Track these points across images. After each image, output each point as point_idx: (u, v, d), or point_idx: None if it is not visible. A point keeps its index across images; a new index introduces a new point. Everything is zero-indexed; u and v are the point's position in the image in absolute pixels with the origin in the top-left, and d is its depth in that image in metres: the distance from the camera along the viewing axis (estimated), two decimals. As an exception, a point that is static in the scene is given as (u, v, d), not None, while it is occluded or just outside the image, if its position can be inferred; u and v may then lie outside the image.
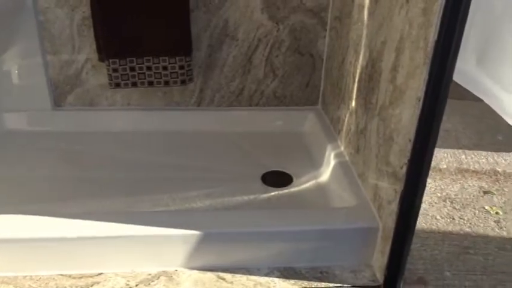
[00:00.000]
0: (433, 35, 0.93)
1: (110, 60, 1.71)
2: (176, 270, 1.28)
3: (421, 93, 0.98)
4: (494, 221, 1.54)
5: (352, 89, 1.48)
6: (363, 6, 1.37)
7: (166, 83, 1.76)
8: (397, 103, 1.12)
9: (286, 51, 1.84)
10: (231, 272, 1.28)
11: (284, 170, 1.67)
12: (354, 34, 1.47)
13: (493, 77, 2.09)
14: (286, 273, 1.29)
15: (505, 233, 1.49)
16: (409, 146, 1.04)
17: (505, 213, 1.58)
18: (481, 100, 2.01)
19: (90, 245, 1.23)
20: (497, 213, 1.58)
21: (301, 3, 1.75)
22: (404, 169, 1.08)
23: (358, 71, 1.42)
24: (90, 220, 1.26)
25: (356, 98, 1.45)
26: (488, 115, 1.95)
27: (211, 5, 1.75)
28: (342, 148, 1.59)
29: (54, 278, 1.24)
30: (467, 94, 2.08)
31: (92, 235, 1.23)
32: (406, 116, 1.06)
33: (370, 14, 1.31)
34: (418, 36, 1.00)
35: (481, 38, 2.17)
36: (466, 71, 2.24)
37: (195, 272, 1.28)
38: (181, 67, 1.74)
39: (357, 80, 1.44)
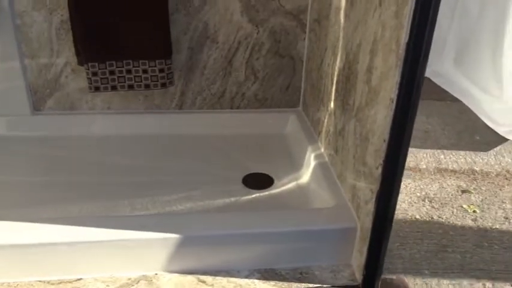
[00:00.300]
0: (404, 37, 0.94)
1: (89, 64, 1.70)
2: (156, 274, 1.28)
3: (393, 95, 1.00)
4: (472, 219, 1.57)
5: (331, 90, 1.49)
6: (340, 9, 1.38)
7: (147, 87, 1.76)
8: (372, 104, 1.14)
9: (267, 54, 1.85)
10: (211, 275, 1.28)
11: (265, 172, 1.68)
12: (331, 36, 1.49)
13: (470, 78, 2.13)
14: (267, 274, 1.29)
15: (482, 231, 1.52)
16: (384, 147, 1.06)
17: (482, 211, 1.61)
18: (459, 101, 2.05)
19: (69, 251, 1.22)
20: (474, 211, 1.60)
21: (280, 5, 1.76)
22: (380, 169, 1.09)
23: (336, 72, 1.44)
24: (69, 225, 1.25)
25: (334, 100, 1.46)
26: (466, 115, 1.98)
27: (190, 8, 1.75)
28: (322, 149, 1.61)
29: (32, 285, 1.23)
30: (446, 95, 2.11)
31: (70, 240, 1.22)
32: (381, 117, 1.08)
33: (346, 16, 1.33)
34: (390, 38, 1.02)
35: (458, 41, 2.21)
36: (445, 72, 2.28)
37: (176, 275, 1.28)
38: (162, 70, 1.74)
39: (335, 81, 1.46)
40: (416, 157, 1.87)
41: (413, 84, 0.96)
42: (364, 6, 1.18)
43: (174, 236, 1.23)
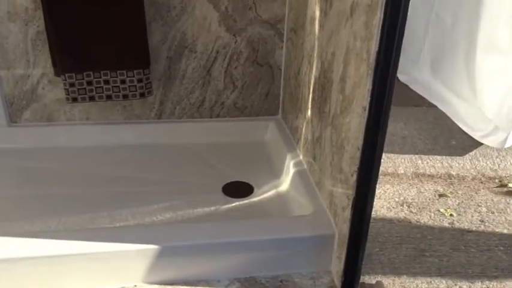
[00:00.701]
0: (374, 47, 0.96)
1: (66, 75, 1.69)
2: (135, 286, 1.27)
3: (366, 103, 1.02)
4: (449, 223, 1.59)
5: (308, 98, 1.51)
6: (314, 19, 1.40)
7: (125, 97, 1.75)
8: (346, 112, 1.16)
9: (245, 63, 1.86)
10: (191, 285, 1.28)
11: (245, 180, 1.69)
12: (307, 45, 1.51)
13: (446, 85, 2.16)
14: (247, 283, 1.29)
15: (458, 234, 1.54)
16: (358, 154, 1.07)
17: (459, 214, 1.64)
18: (435, 106, 2.08)
19: (46, 264, 1.21)
20: (451, 215, 1.63)
21: (257, 15, 1.78)
22: (355, 176, 1.11)
23: (312, 81, 1.45)
24: (47, 238, 1.24)
25: (311, 108, 1.48)
26: (442, 121, 2.01)
27: (168, 18, 1.76)
28: (301, 157, 1.62)
29: (7, 300, 1.21)
30: (423, 101, 2.15)
31: (47, 254, 1.20)
32: (354, 125, 1.09)
33: (320, 26, 1.35)
34: (361, 48, 1.04)
35: (434, 48, 2.25)
36: (422, 79, 2.31)
37: (155, 286, 1.27)
38: (140, 80, 1.74)
39: (311, 90, 1.47)
40: (395, 162, 1.89)
41: (384, 92, 0.98)
42: (337, 17, 1.20)
43: (152, 247, 1.23)
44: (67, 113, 1.88)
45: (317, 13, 1.38)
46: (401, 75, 2.41)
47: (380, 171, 1.08)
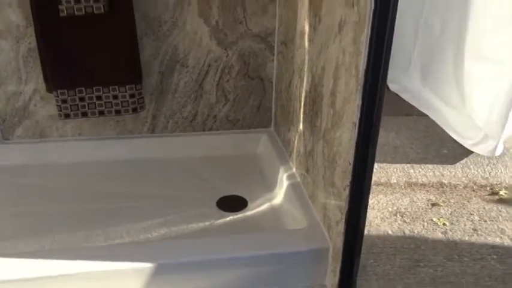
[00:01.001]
0: (362, 63, 0.98)
1: (59, 91, 1.69)
2: (130, 304, 1.26)
3: (356, 118, 1.03)
4: (442, 233, 1.60)
5: (299, 112, 1.52)
6: (304, 33, 1.42)
7: (118, 112, 1.75)
8: (337, 126, 1.17)
9: (237, 76, 1.87)
10: (186, 302, 1.27)
11: (239, 194, 1.69)
12: (297, 59, 1.52)
13: (436, 93, 2.19)
14: (242, 299, 1.29)
15: (452, 244, 1.55)
16: (350, 169, 1.08)
17: (452, 223, 1.65)
18: (426, 115, 2.10)
19: (42, 285, 1.20)
20: (444, 224, 1.64)
21: (247, 29, 1.79)
22: (348, 190, 1.11)
23: (303, 94, 1.47)
24: (41, 259, 1.23)
25: (303, 121, 1.49)
26: (433, 129, 2.03)
27: (159, 32, 1.76)
28: (294, 169, 1.63)
29: (1, 322, 1.20)
30: (413, 110, 2.17)
31: (43, 275, 1.20)
32: (345, 140, 1.10)
33: (310, 40, 1.36)
34: (350, 64, 1.05)
35: (423, 57, 2.27)
36: (412, 88, 2.34)
37: (150, 304, 1.27)
38: (132, 95, 1.74)
39: (302, 103, 1.48)
40: (387, 172, 1.91)
41: (373, 108, 0.99)
42: (326, 32, 1.21)
43: (148, 265, 1.23)
44: (59, 129, 1.87)
45: (306, 28, 1.40)
46: (392, 84, 2.44)
47: (373, 181, 1.09)
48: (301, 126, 1.52)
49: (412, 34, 2.25)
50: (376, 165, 1.95)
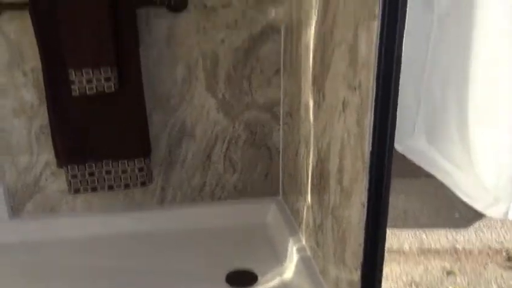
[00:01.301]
0: (367, 147, 0.99)
1: (69, 166, 1.72)
2: None
3: (364, 199, 1.03)
4: (460, 304, 1.55)
5: (307, 183, 1.53)
6: (309, 107, 1.45)
7: (127, 186, 1.77)
8: (346, 205, 1.16)
9: (244, 145, 1.90)
10: None
11: (249, 268, 1.66)
12: (303, 131, 1.55)
13: (442, 154, 2.18)
14: None
15: (471, 316, 1.50)
16: (361, 250, 1.07)
17: (470, 293, 1.60)
18: (434, 177, 2.09)
19: None
20: (462, 294, 1.59)
21: (253, 100, 1.84)
22: (359, 271, 1.09)
23: (310, 166, 1.48)
24: None
25: (311, 193, 1.49)
26: (443, 191, 2.02)
27: (168, 107, 1.81)
28: (304, 241, 1.61)
29: None
30: (421, 172, 2.16)
31: None
32: (355, 221, 1.10)
33: (315, 116, 1.39)
34: (355, 145, 1.06)
35: (428, 118, 2.29)
36: (419, 149, 2.34)
37: None
38: (141, 169, 1.76)
39: (310, 175, 1.49)
40: (399, 238, 1.87)
41: (381, 190, 0.99)
42: (330, 110, 1.24)
43: None
44: (69, 203, 1.89)
45: (310, 102, 1.43)
46: (398, 145, 2.45)
47: (385, 248, 1.07)
48: (309, 198, 1.51)
49: (414, 103, 2.29)
50: (387, 231, 1.93)
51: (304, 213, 1.59)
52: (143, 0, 1.66)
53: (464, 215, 1.92)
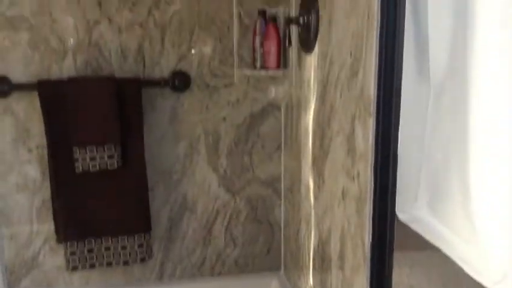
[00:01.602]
0: (368, 238, 0.99)
1: (68, 243, 1.71)
2: None
3: (366, 292, 1.01)
4: None
5: (309, 263, 1.50)
6: (309, 188, 1.46)
7: (126, 263, 1.74)
8: (348, 294, 1.14)
9: (245, 220, 1.89)
10: None
11: None
12: (304, 211, 1.54)
13: (446, 224, 2.16)
14: None
15: None
16: None
17: None
18: (439, 249, 2.05)
19: None
20: None
21: (254, 175, 1.86)
22: None
23: (312, 247, 1.46)
24: None
25: (313, 274, 1.46)
26: (449, 264, 1.97)
27: (170, 182, 1.83)
28: (306, 323, 1.56)
29: None
30: (425, 243, 2.13)
31: None
32: (357, 312, 1.07)
33: (315, 197, 1.40)
34: (355, 234, 1.06)
35: (430, 187, 2.29)
36: (421, 217, 2.31)
37: None
38: (141, 245, 1.74)
39: (311, 256, 1.47)
40: (405, 317, 1.80)
41: (383, 283, 0.97)
42: (330, 195, 1.25)
43: None
44: (66, 279, 1.85)
45: (311, 183, 1.44)
46: (401, 214, 2.42)
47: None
48: (311, 280, 1.48)
49: (416, 171, 2.30)
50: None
51: (307, 294, 1.55)
52: (148, 81, 1.72)
53: (473, 291, 1.86)
